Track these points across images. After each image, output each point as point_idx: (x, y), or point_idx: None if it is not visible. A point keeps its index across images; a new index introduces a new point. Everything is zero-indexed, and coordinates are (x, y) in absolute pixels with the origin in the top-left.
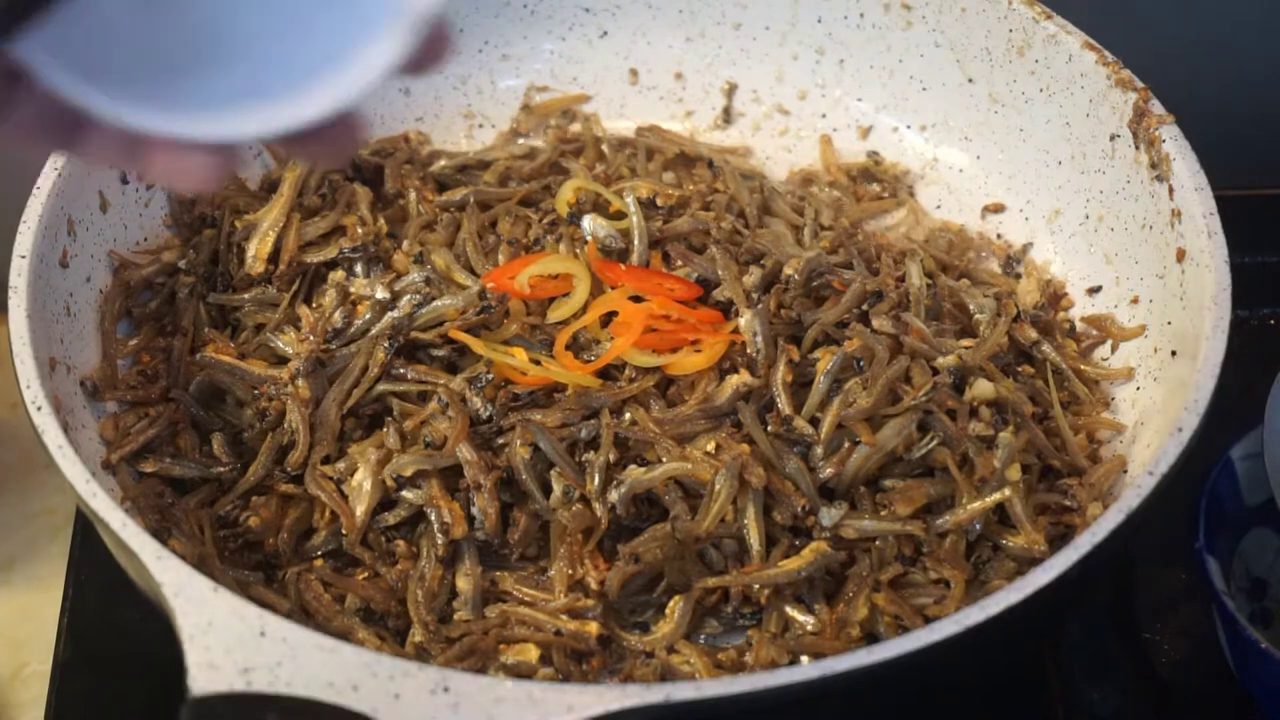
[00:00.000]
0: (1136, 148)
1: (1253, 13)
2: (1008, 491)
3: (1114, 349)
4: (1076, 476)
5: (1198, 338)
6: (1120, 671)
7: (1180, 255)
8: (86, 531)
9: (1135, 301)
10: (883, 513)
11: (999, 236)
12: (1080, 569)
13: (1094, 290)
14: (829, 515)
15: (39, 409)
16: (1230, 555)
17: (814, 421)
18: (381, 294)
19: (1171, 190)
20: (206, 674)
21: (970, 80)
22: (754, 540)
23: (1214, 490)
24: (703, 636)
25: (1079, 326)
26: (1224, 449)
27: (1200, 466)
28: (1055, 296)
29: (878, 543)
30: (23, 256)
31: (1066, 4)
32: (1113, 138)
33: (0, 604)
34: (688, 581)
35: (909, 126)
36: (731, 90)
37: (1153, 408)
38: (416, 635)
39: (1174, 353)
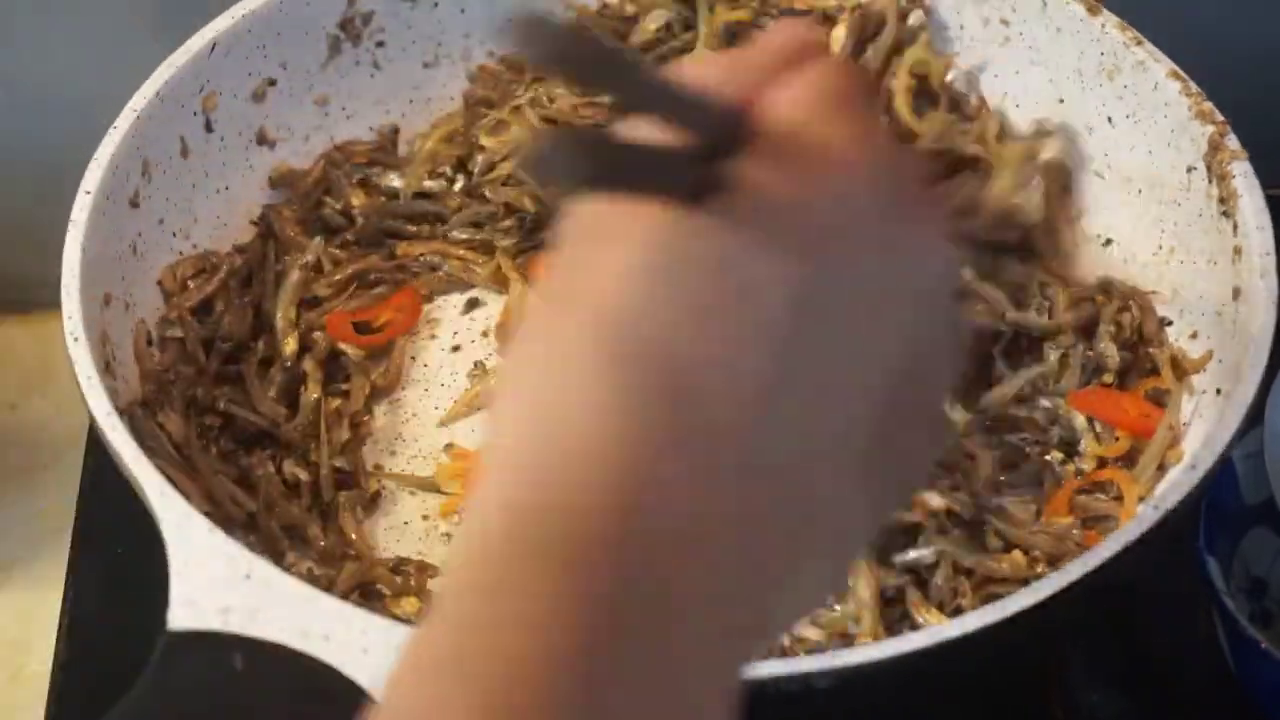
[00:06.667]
0: (1209, 181)
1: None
2: None
3: (1180, 380)
4: None
5: (1239, 377)
6: (1120, 672)
7: (1236, 293)
8: (87, 531)
9: (1194, 337)
10: None
11: None
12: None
13: (1163, 323)
14: None
15: (75, 340)
16: (1230, 555)
17: None
18: None
19: (1236, 227)
20: (185, 610)
21: (1061, 101)
22: None
23: (1214, 490)
24: None
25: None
26: None
27: None
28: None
29: None
30: (88, 192)
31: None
32: (1189, 170)
33: (0, 604)
34: None
35: None
36: None
37: (1195, 444)
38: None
39: (1219, 390)
